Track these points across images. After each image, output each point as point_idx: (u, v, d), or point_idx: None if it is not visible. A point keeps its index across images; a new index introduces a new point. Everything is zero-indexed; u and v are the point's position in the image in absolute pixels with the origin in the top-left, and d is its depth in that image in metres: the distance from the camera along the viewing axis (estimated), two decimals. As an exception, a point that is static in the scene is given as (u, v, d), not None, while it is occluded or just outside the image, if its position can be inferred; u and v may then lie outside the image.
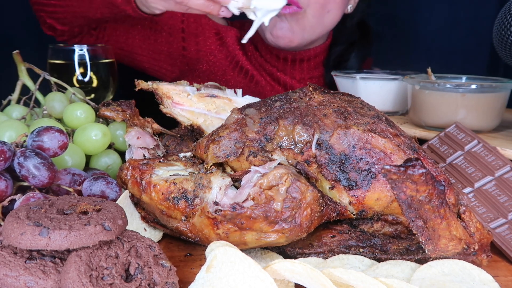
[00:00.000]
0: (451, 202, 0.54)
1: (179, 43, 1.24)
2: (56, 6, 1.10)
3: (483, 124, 0.82)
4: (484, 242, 0.54)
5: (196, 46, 1.25)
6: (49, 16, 1.14)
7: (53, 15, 1.13)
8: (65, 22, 1.14)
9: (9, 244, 0.46)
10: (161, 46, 1.24)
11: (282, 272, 0.46)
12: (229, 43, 1.26)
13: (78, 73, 0.95)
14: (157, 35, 1.23)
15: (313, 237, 0.57)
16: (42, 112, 0.79)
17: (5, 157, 0.58)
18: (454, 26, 1.78)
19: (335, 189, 0.56)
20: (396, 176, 0.43)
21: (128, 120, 0.74)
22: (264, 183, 0.52)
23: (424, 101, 0.84)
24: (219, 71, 1.26)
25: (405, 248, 0.56)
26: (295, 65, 1.24)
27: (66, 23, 1.14)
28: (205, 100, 0.72)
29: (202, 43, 1.26)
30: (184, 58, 1.26)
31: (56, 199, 0.50)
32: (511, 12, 0.85)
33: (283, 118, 0.58)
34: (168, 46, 1.24)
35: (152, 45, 1.24)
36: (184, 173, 0.58)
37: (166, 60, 1.26)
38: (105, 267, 0.44)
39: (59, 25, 1.15)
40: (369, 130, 0.56)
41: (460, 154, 0.72)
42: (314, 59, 1.25)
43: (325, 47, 1.26)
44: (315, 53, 1.24)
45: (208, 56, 1.26)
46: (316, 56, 1.25)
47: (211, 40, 1.26)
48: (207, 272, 0.45)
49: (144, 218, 0.61)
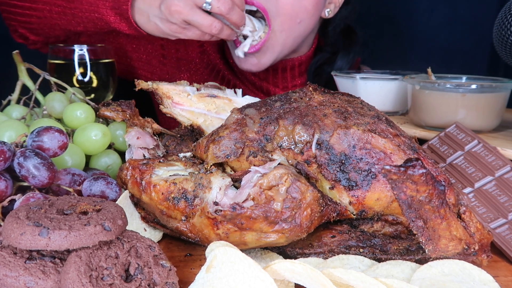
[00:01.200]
0: (451, 202, 0.54)
1: (158, 51, 1.20)
2: (31, 16, 1.04)
3: (483, 124, 0.82)
4: (484, 242, 0.54)
5: (176, 54, 1.21)
6: (22, 26, 1.08)
7: (26, 25, 1.07)
8: (40, 33, 1.08)
9: (9, 244, 0.45)
10: (140, 54, 1.20)
11: (282, 272, 0.46)
12: (210, 51, 1.22)
13: (78, 73, 0.95)
14: (136, 42, 1.19)
15: (313, 237, 0.57)
16: (42, 112, 0.79)
17: (5, 157, 0.58)
18: (454, 26, 1.78)
19: (335, 189, 0.56)
20: (396, 176, 0.43)
21: (128, 120, 0.74)
22: (264, 183, 0.52)
23: (424, 101, 0.84)
24: (201, 80, 1.20)
25: (405, 248, 0.56)
26: (277, 74, 1.20)
27: (40, 33, 1.08)
28: (205, 100, 0.72)
29: (182, 50, 1.21)
30: (164, 66, 1.22)
31: (56, 199, 0.50)
32: (511, 12, 0.85)
33: (283, 118, 0.58)
34: (147, 54, 1.20)
35: (130, 53, 1.20)
36: (184, 173, 0.58)
37: (145, 68, 1.22)
38: (105, 267, 0.44)
39: (32, 35, 1.09)
40: (369, 130, 0.56)
41: (460, 154, 0.72)
42: (299, 67, 1.20)
43: (309, 54, 1.21)
44: (299, 62, 1.19)
45: (189, 64, 1.22)
46: (300, 64, 1.20)
47: (192, 47, 1.21)
48: (207, 272, 0.45)
49: (144, 218, 0.61)
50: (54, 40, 1.11)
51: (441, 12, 1.79)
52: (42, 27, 1.05)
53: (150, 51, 1.20)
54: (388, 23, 1.79)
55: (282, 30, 1.04)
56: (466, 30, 1.76)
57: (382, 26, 1.77)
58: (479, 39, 1.69)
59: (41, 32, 1.08)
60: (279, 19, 1.02)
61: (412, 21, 1.81)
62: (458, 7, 1.76)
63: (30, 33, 1.09)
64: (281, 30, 1.04)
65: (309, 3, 1.05)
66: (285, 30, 1.04)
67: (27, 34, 1.10)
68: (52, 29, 1.05)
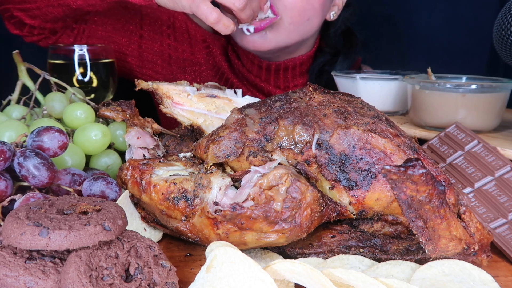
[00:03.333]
0: (451, 202, 0.54)
1: (164, 50, 1.20)
2: None
3: (483, 124, 0.82)
4: (484, 242, 0.54)
5: (183, 54, 1.21)
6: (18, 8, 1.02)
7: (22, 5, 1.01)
8: (36, 14, 1.02)
9: (9, 244, 0.45)
10: (147, 53, 1.19)
11: (282, 272, 0.45)
12: (216, 53, 1.22)
13: (78, 73, 0.95)
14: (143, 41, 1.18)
15: (313, 237, 0.57)
16: (42, 112, 0.79)
17: (5, 157, 0.58)
18: (454, 26, 1.78)
19: (335, 189, 0.56)
20: (396, 176, 0.43)
21: (128, 120, 0.74)
22: (264, 183, 0.52)
23: (424, 101, 0.84)
24: (204, 81, 1.20)
25: (405, 248, 0.56)
26: (278, 74, 1.20)
27: (37, 15, 1.02)
28: (205, 100, 0.72)
29: (188, 51, 1.21)
30: (169, 66, 1.22)
31: (56, 199, 0.50)
32: (511, 12, 0.85)
33: (283, 118, 0.58)
34: (153, 54, 1.20)
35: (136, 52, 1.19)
36: (184, 173, 0.58)
37: (150, 67, 1.21)
38: (105, 267, 0.44)
39: (28, 18, 1.04)
40: (369, 130, 0.56)
41: (460, 154, 0.72)
42: (300, 67, 1.21)
43: (310, 55, 1.21)
44: (301, 61, 1.20)
45: (194, 65, 1.22)
46: (301, 64, 1.21)
47: (198, 48, 1.22)
48: (207, 272, 0.45)
49: (144, 218, 0.61)
50: (51, 26, 1.06)
51: (441, 12, 1.79)
52: (39, 4, 1.00)
53: (157, 50, 1.20)
54: (388, 23, 1.79)
55: (290, 23, 1.06)
56: (466, 30, 1.76)
57: (382, 26, 1.77)
58: (479, 39, 1.69)
59: (38, 13, 1.02)
60: (289, 12, 1.05)
61: (412, 21, 1.81)
62: (458, 7, 1.76)
63: (26, 16, 1.04)
64: (289, 22, 1.06)
65: (317, 2, 1.07)
66: (293, 23, 1.07)
67: (22, 17, 1.04)
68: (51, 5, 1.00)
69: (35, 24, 1.06)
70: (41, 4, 1.00)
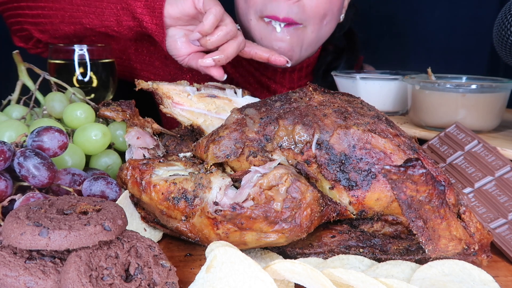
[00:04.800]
0: (451, 202, 0.54)
1: (160, 52, 1.18)
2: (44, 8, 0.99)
3: (483, 124, 0.82)
4: (484, 242, 0.54)
5: None
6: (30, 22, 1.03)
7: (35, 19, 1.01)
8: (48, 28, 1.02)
9: (9, 244, 0.45)
10: (143, 56, 1.19)
11: (282, 272, 0.46)
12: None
13: (78, 73, 0.95)
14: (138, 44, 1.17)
15: (313, 237, 0.57)
16: (42, 112, 0.79)
17: (5, 157, 0.58)
18: (454, 26, 1.78)
19: (335, 189, 0.56)
20: (396, 176, 0.43)
21: (128, 120, 0.74)
22: (264, 183, 0.52)
23: (424, 101, 0.84)
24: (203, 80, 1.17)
25: (405, 248, 0.56)
26: (285, 75, 1.20)
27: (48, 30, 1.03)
28: (205, 100, 0.72)
29: None
30: (166, 67, 1.21)
31: (56, 199, 0.50)
32: (511, 12, 0.85)
33: (283, 118, 0.58)
34: (150, 55, 1.19)
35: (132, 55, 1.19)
36: (184, 173, 0.58)
37: (148, 69, 1.21)
38: (105, 267, 0.44)
39: (37, 32, 1.04)
40: (369, 130, 0.56)
41: (460, 154, 0.72)
42: (306, 68, 1.21)
43: (316, 56, 1.22)
44: (307, 63, 1.19)
45: None
46: (308, 66, 1.20)
47: None
48: (207, 272, 0.45)
49: (144, 218, 0.61)
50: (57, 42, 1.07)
51: (441, 12, 1.79)
52: (53, 20, 1.00)
53: (153, 52, 1.19)
54: (388, 23, 1.79)
55: (312, 31, 1.06)
56: (466, 30, 1.76)
57: (382, 26, 1.77)
58: (479, 39, 1.69)
59: (49, 28, 1.03)
60: (310, 20, 1.03)
61: (412, 21, 1.81)
62: (458, 7, 1.77)
63: (36, 30, 1.04)
64: (312, 31, 1.05)
65: (335, 6, 1.07)
66: (314, 31, 1.06)
67: (32, 30, 1.05)
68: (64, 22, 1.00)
69: (43, 39, 1.06)
70: (55, 20, 1.00)
